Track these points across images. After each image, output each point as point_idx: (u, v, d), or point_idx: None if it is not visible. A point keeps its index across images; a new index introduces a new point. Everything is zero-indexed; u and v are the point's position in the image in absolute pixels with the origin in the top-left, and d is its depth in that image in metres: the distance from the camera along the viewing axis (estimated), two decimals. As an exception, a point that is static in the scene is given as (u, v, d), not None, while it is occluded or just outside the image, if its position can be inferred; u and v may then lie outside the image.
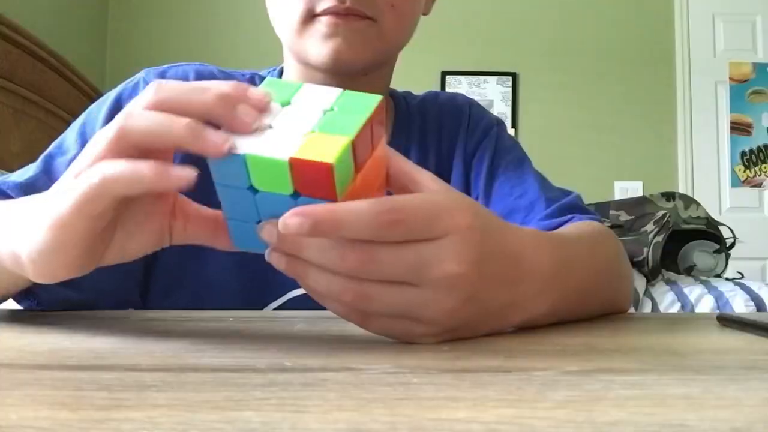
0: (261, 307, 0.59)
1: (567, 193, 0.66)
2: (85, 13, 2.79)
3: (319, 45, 0.58)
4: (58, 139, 0.59)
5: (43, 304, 0.51)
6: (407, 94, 0.75)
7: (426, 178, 0.34)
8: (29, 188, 0.52)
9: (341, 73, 0.60)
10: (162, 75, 0.63)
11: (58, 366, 0.27)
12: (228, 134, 0.30)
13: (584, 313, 0.47)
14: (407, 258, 0.30)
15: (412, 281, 0.31)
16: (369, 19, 0.58)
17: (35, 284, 0.43)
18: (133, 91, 0.62)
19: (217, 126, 0.31)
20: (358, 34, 0.57)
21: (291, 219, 0.28)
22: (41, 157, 0.57)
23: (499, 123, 0.73)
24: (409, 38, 0.65)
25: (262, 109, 0.31)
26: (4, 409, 0.19)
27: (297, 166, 0.29)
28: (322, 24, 0.57)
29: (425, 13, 0.69)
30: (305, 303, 0.56)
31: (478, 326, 0.35)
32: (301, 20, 0.58)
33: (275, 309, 0.59)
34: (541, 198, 0.63)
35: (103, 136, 0.32)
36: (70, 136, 0.59)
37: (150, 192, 0.32)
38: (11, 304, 0.52)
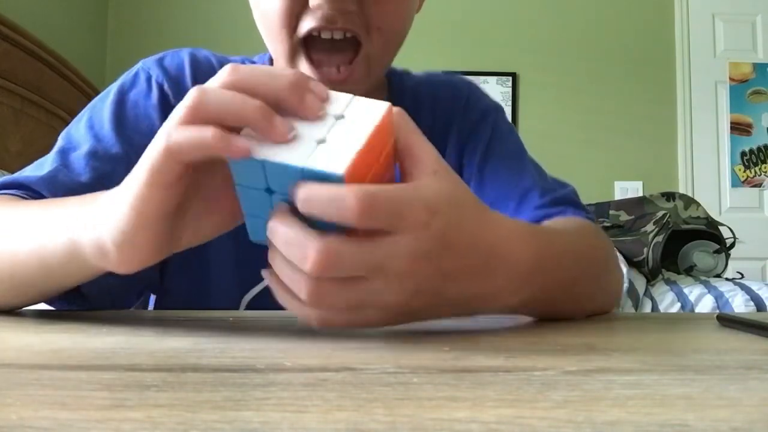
0: (251, 285, 0.59)
1: (563, 185, 0.65)
2: (85, 13, 2.79)
3: (310, 73, 0.57)
4: (64, 136, 0.59)
5: (87, 299, 0.50)
6: (405, 74, 0.74)
7: (425, 158, 0.34)
8: (52, 182, 0.52)
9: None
10: (160, 62, 0.63)
11: (58, 366, 0.27)
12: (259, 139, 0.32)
13: (567, 310, 0.47)
14: (365, 256, 0.31)
15: (366, 275, 0.31)
16: (356, 42, 0.57)
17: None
18: (134, 82, 0.62)
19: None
20: (346, 82, 0.57)
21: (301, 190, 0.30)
22: (55, 152, 0.56)
23: (498, 108, 0.72)
24: (392, 59, 0.65)
25: (325, 99, 0.33)
26: (4, 409, 0.19)
27: (309, 174, 0.30)
28: (304, 70, 0.56)
29: (416, 11, 0.68)
30: None
31: (439, 313, 0.36)
32: (288, 57, 0.57)
33: (255, 296, 0.59)
34: (536, 187, 0.62)
35: (177, 112, 0.33)
36: (78, 130, 0.59)
37: (214, 158, 0.33)
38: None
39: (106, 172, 0.55)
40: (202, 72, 0.63)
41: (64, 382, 0.23)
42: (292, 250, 0.31)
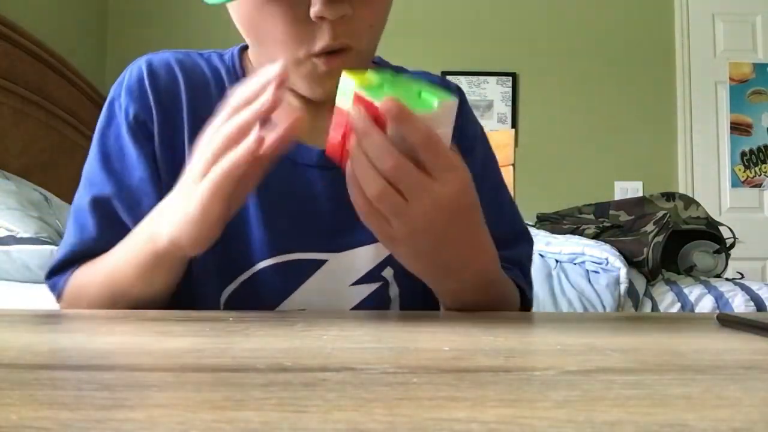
0: (230, 280, 0.61)
1: (523, 239, 0.70)
2: (85, 13, 2.79)
3: (312, 84, 0.58)
4: (85, 182, 0.62)
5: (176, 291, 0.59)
6: (401, 69, 0.73)
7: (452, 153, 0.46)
8: (96, 243, 0.59)
9: None
10: (123, 85, 0.64)
11: (58, 366, 0.27)
12: None
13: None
14: (419, 180, 0.43)
15: (409, 197, 0.43)
16: (349, 50, 0.56)
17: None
18: (118, 89, 0.63)
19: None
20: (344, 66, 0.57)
21: (387, 103, 0.41)
22: (88, 207, 0.60)
23: (483, 129, 0.75)
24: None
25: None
26: (4, 409, 0.19)
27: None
28: (319, 66, 0.56)
29: None
30: (273, 274, 0.60)
31: (437, 256, 0.48)
32: (295, 60, 0.56)
33: (244, 281, 0.60)
34: (502, 234, 0.66)
35: (218, 136, 0.46)
36: (95, 170, 0.62)
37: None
38: (15, 305, 0.52)
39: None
40: (161, 77, 0.63)
41: (64, 382, 0.23)
42: (377, 152, 0.42)
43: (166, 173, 0.60)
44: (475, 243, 0.51)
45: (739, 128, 2.99)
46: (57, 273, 0.61)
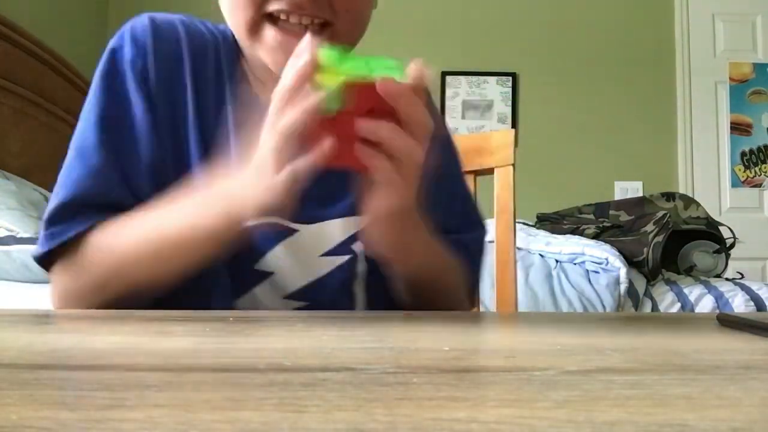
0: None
1: (476, 227, 0.74)
2: (85, 13, 2.79)
3: (270, 56, 0.60)
4: (86, 123, 0.61)
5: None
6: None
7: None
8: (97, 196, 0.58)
9: None
10: (153, 22, 0.65)
11: (58, 366, 0.27)
12: None
13: (441, 297, 0.65)
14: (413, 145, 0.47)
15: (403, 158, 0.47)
16: (326, 26, 0.59)
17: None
18: (119, 40, 0.65)
19: None
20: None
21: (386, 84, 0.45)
22: (95, 141, 0.59)
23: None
24: (362, 35, 0.66)
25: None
26: (4, 409, 0.19)
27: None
28: (268, 37, 0.59)
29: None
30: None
31: (411, 211, 0.53)
32: (248, 24, 0.59)
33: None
34: (453, 220, 0.71)
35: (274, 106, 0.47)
36: (99, 112, 0.61)
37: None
38: (15, 305, 0.52)
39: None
40: (165, 33, 0.65)
41: (64, 382, 0.23)
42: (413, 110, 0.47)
43: (163, 125, 0.61)
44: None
45: (739, 128, 2.99)
46: (59, 221, 0.57)
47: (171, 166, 0.60)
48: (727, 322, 0.43)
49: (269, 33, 0.59)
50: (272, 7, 0.58)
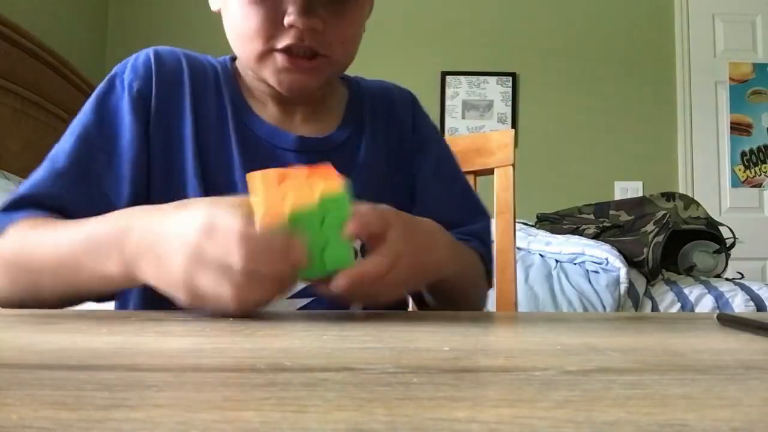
0: None
1: (481, 218, 0.77)
2: (85, 13, 2.79)
3: (276, 77, 0.65)
4: (72, 131, 0.64)
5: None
6: (360, 79, 0.81)
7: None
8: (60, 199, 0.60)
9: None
10: (128, 64, 0.69)
11: (58, 366, 0.26)
12: None
13: (467, 293, 0.68)
14: (393, 252, 0.48)
15: (395, 264, 0.49)
16: (322, 56, 0.65)
17: None
18: (122, 67, 0.68)
19: None
20: (312, 70, 0.65)
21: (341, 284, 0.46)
22: (69, 148, 0.62)
23: (437, 128, 0.84)
24: (353, 61, 0.71)
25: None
26: (4, 409, 0.19)
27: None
28: (278, 61, 0.64)
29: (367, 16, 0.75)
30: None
31: (417, 278, 0.55)
32: (259, 54, 0.64)
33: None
34: (460, 215, 0.76)
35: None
36: (86, 124, 0.65)
37: None
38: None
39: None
40: (167, 62, 0.69)
41: (64, 382, 0.23)
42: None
43: (155, 152, 0.65)
44: (427, 232, 0.57)
45: (739, 128, 2.99)
46: (11, 209, 0.59)
47: (162, 189, 0.64)
48: (727, 322, 0.43)
49: (280, 59, 0.64)
50: (281, 45, 0.63)
